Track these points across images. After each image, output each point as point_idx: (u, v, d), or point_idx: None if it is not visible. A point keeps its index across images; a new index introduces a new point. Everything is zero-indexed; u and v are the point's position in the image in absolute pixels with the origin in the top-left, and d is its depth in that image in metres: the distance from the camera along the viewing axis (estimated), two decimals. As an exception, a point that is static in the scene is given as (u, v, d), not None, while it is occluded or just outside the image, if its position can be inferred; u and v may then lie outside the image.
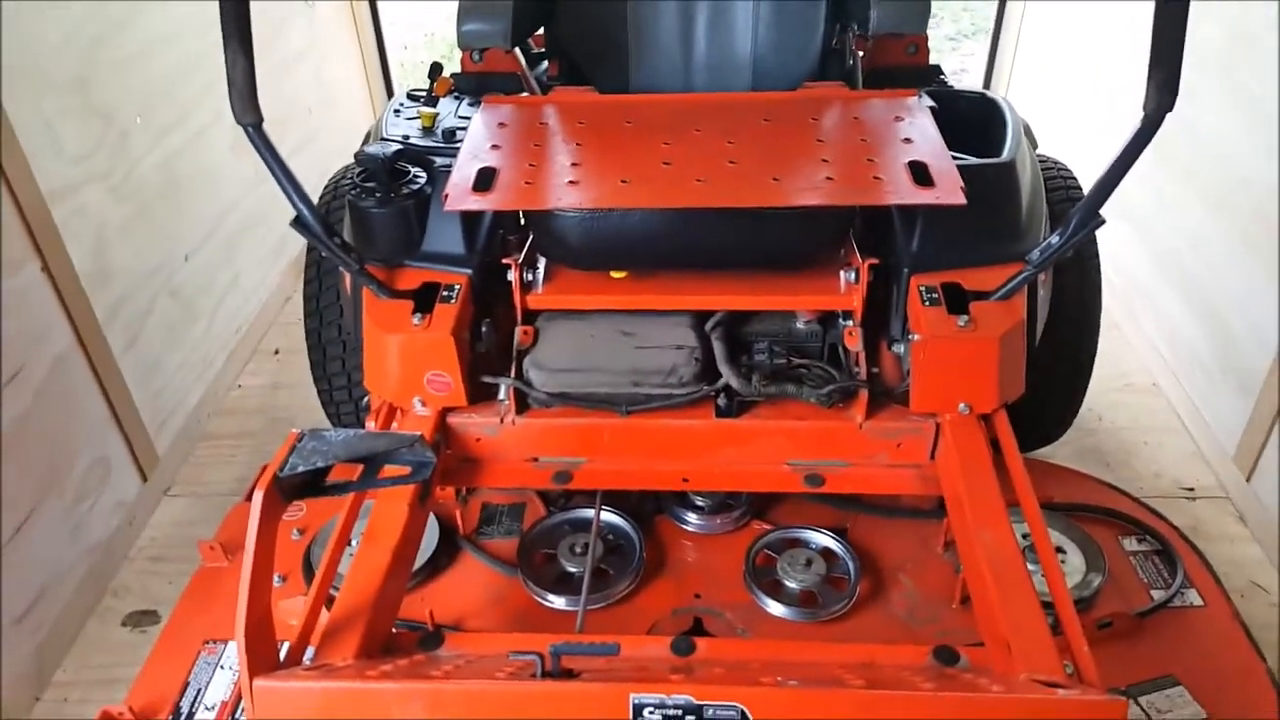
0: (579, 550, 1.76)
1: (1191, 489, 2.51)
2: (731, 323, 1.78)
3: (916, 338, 1.61)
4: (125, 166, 2.49)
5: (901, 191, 1.54)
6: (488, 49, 2.00)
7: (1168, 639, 1.64)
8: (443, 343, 1.63)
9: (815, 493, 1.73)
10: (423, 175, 1.77)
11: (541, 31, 2.16)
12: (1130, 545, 1.82)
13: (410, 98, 2.18)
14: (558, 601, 1.70)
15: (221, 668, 1.62)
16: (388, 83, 4.35)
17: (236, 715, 1.54)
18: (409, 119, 2.05)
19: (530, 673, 1.17)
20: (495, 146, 1.73)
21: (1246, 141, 2.42)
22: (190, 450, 2.75)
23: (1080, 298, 2.12)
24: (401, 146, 1.83)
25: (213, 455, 2.75)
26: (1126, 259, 3.06)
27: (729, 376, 1.69)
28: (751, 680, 1.18)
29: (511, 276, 1.73)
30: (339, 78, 4.02)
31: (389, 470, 1.40)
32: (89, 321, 2.29)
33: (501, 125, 1.82)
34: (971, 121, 1.90)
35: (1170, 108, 1.36)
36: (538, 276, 1.77)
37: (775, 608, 1.67)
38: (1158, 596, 1.71)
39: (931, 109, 1.80)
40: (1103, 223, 1.53)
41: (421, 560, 1.72)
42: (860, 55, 2.06)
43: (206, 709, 1.55)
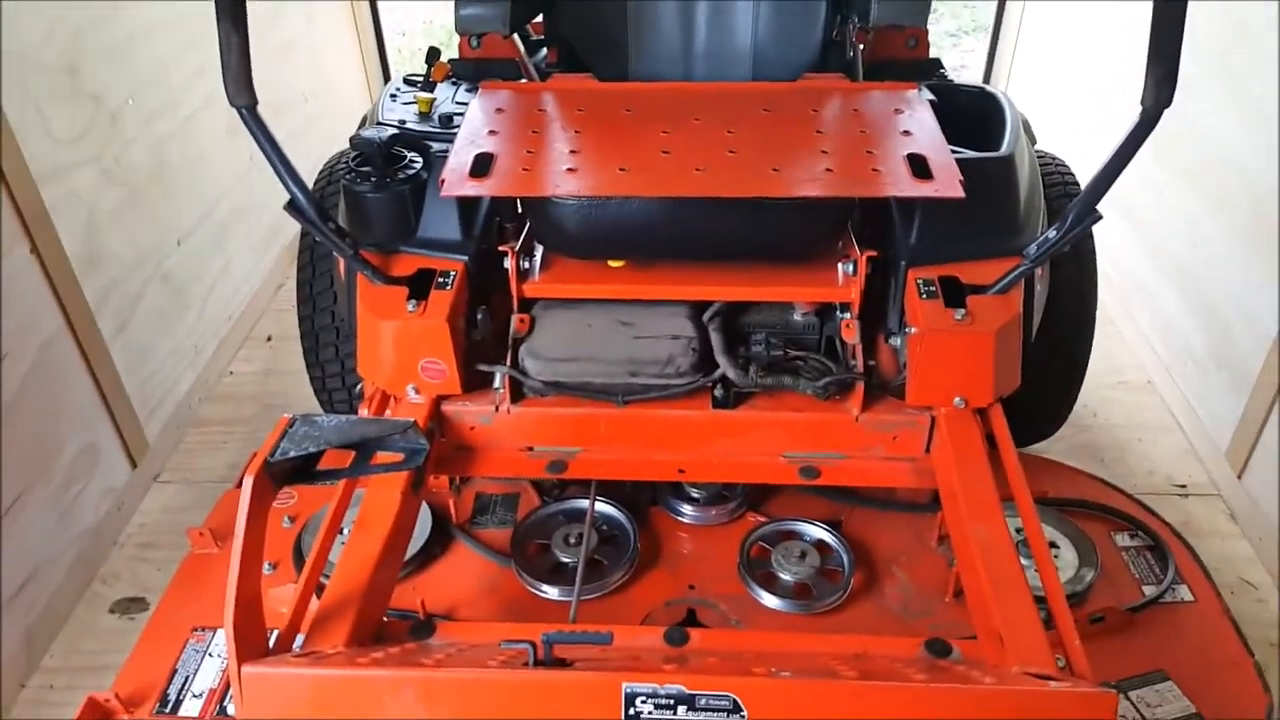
0: (573, 541, 1.75)
1: (1184, 485, 2.52)
2: (729, 314, 1.78)
3: (913, 330, 1.61)
4: (116, 149, 2.47)
5: (900, 184, 1.54)
6: (486, 34, 1.98)
7: (1158, 634, 1.65)
8: (437, 329, 1.62)
9: (810, 485, 1.73)
10: (419, 160, 1.76)
11: (540, 18, 2.15)
12: (1123, 541, 1.83)
13: (407, 83, 2.17)
14: (551, 592, 1.70)
15: (210, 655, 1.61)
16: (385, 69, 4.33)
17: (225, 703, 1.53)
18: (406, 104, 2.04)
19: (522, 661, 1.16)
20: (493, 132, 1.71)
21: (1244, 138, 2.42)
22: (181, 437, 2.73)
23: (1077, 293, 2.13)
24: (398, 131, 1.82)
25: (203, 442, 2.74)
26: (1122, 255, 3.07)
27: (726, 367, 1.68)
28: (744, 670, 1.17)
29: (508, 264, 1.72)
30: (335, 64, 3.99)
31: (381, 457, 1.39)
32: (79, 306, 2.26)
33: (499, 111, 1.81)
34: (971, 116, 1.90)
35: (1168, 103, 1.36)
36: (534, 264, 1.76)
37: (769, 600, 1.67)
38: (1149, 592, 1.71)
39: (931, 102, 1.80)
40: (1100, 218, 1.53)
41: (414, 549, 1.71)
42: (860, 48, 2.06)
43: (194, 696, 1.55)
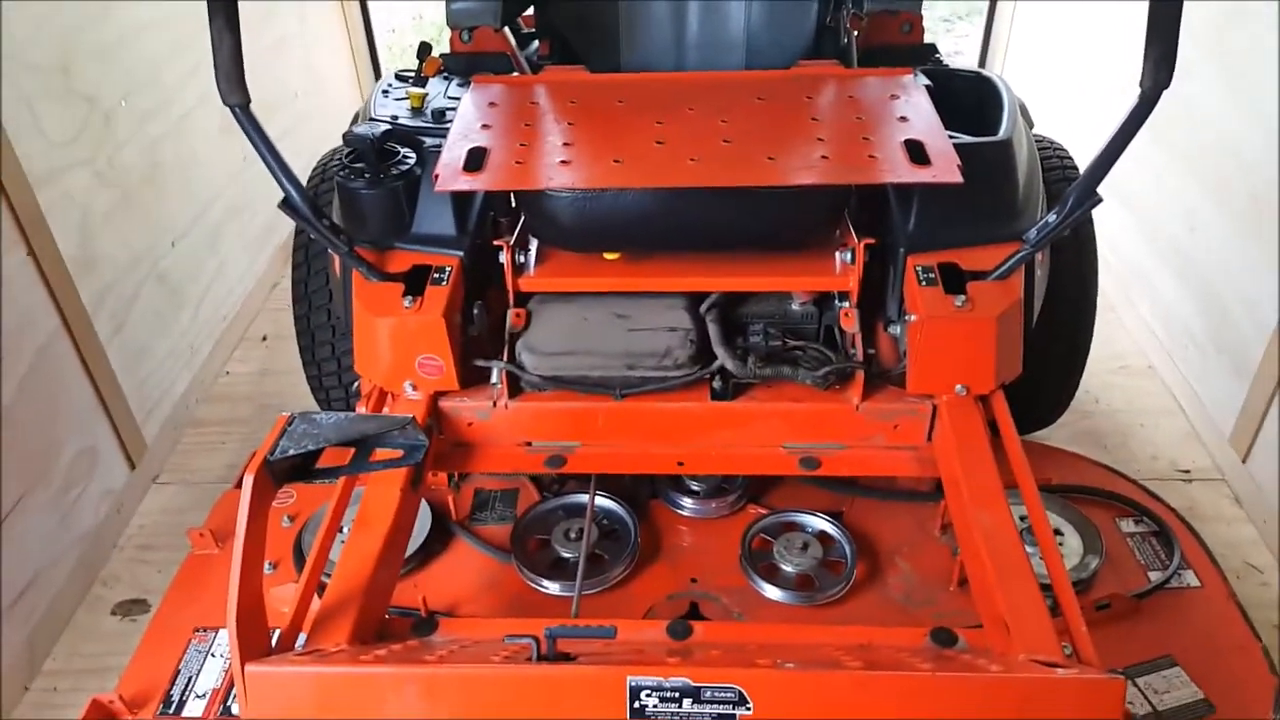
0: (573, 536, 1.74)
1: (1187, 471, 2.51)
2: (726, 304, 1.77)
3: (913, 318, 1.59)
4: (110, 151, 2.45)
5: (898, 170, 1.53)
6: (477, 28, 1.97)
7: (1165, 620, 1.64)
8: (434, 325, 1.61)
9: (811, 475, 1.72)
10: (412, 156, 1.75)
11: (531, 11, 2.13)
12: (1127, 527, 1.82)
13: (399, 78, 2.15)
14: (552, 587, 1.69)
15: (212, 655, 1.60)
16: (375, 66, 4.32)
17: (228, 703, 1.52)
18: (398, 100, 2.03)
19: (526, 656, 1.15)
20: (486, 126, 1.70)
21: (1242, 122, 2.41)
22: (178, 438, 2.72)
23: (1078, 278, 2.11)
24: (390, 127, 1.80)
25: (201, 442, 2.73)
26: (1122, 240, 3.05)
27: (724, 359, 1.67)
28: (749, 662, 1.17)
29: (503, 258, 1.71)
30: (326, 62, 3.97)
31: (381, 454, 1.38)
32: (76, 308, 2.25)
33: (492, 105, 1.79)
34: (967, 101, 1.89)
35: (1167, 84, 1.35)
36: (530, 259, 1.75)
37: (771, 592, 1.66)
38: (1155, 578, 1.70)
39: (927, 88, 1.79)
40: (1100, 201, 1.52)
41: (414, 547, 1.71)
42: (854, 34, 2.04)
43: (197, 697, 1.54)
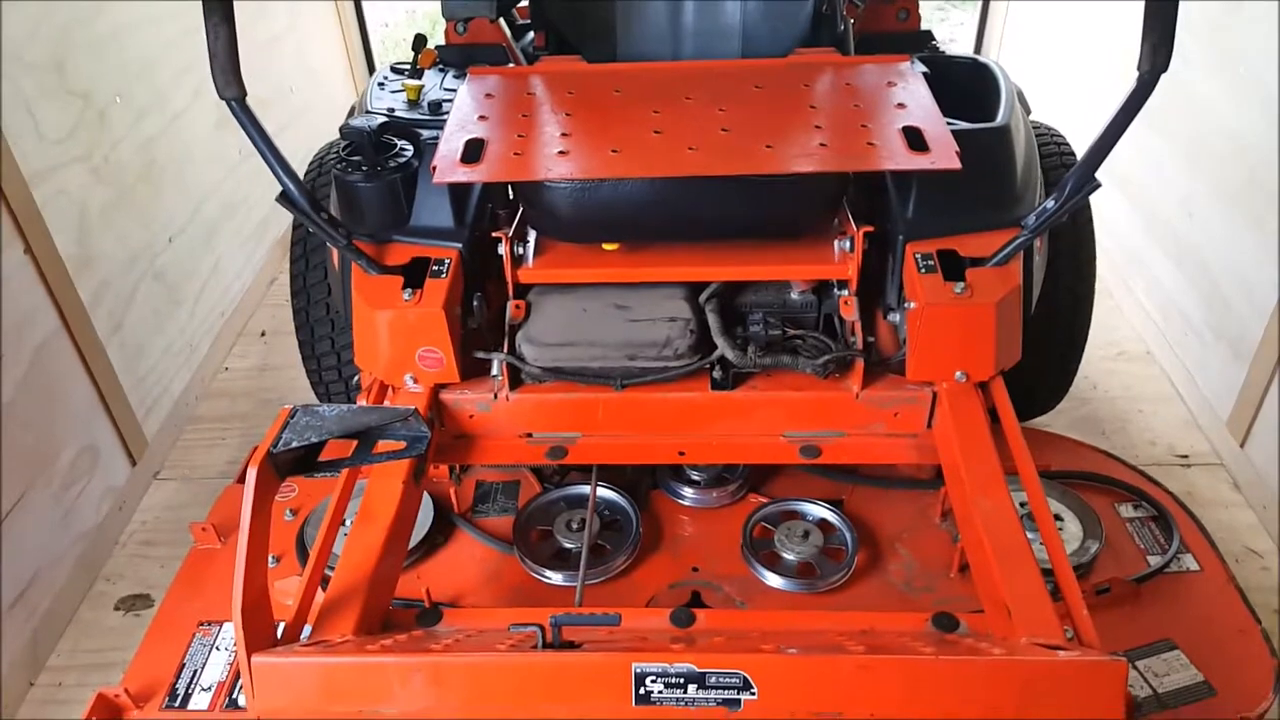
0: (575, 526, 1.75)
1: (1186, 456, 2.52)
2: (726, 294, 1.77)
3: (912, 305, 1.60)
4: (105, 148, 2.45)
5: (896, 157, 1.53)
6: (472, 20, 1.96)
7: (1164, 604, 1.64)
8: (434, 318, 1.61)
9: (812, 464, 1.72)
10: (409, 148, 1.74)
11: (526, 2, 2.13)
12: (1127, 512, 1.82)
13: (394, 71, 2.14)
14: (555, 577, 1.69)
15: (217, 649, 1.61)
16: (369, 60, 4.31)
17: (234, 695, 1.53)
18: (394, 92, 2.02)
19: (531, 644, 1.16)
20: (483, 118, 1.70)
21: (1240, 107, 2.41)
22: (179, 434, 2.73)
23: (1076, 264, 2.12)
24: (387, 119, 1.80)
25: (201, 438, 2.73)
26: (1119, 227, 3.06)
27: (724, 348, 1.67)
28: (752, 648, 1.17)
29: (502, 250, 1.71)
30: (320, 56, 3.97)
31: (383, 446, 1.38)
32: (75, 306, 2.25)
33: (488, 96, 1.79)
34: (964, 88, 1.88)
35: (1165, 68, 1.35)
36: (529, 250, 1.75)
37: (773, 580, 1.66)
38: (1154, 562, 1.71)
39: (924, 75, 1.78)
40: (1098, 186, 1.52)
41: (416, 539, 1.71)
42: (851, 22, 2.04)
43: (203, 690, 1.54)
